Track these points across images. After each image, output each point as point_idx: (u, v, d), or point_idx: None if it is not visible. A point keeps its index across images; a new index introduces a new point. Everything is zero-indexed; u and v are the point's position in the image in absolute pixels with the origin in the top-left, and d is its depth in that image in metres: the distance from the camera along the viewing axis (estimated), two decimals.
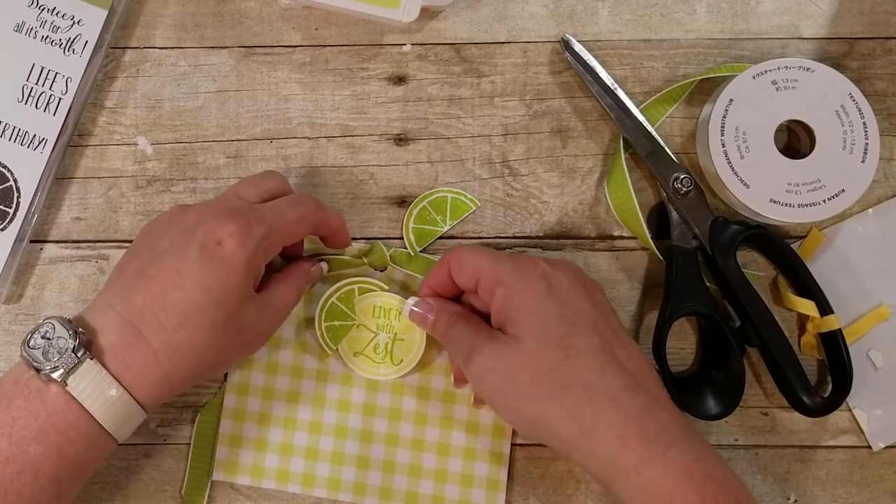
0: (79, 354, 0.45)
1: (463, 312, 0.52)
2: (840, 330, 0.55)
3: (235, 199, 0.50)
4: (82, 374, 0.45)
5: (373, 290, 0.56)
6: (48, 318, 0.46)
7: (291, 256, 0.55)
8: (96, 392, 0.45)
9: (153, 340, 0.46)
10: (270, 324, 0.51)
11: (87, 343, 0.45)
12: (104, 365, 0.45)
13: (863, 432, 0.57)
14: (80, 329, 0.46)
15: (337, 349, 0.56)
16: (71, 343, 0.45)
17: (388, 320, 0.56)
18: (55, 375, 0.44)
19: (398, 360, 0.56)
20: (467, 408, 0.56)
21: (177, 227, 0.48)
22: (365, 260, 0.56)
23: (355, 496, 0.55)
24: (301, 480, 0.55)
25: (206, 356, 0.47)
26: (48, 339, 0.45)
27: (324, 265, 0.55)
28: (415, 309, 0.54)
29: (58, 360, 0.44)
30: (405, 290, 0.57)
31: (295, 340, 0.56)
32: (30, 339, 0.45)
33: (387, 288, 0.56)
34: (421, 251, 0.57)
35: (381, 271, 0.57)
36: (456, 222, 0.57)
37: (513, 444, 0.56)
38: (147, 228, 0.50)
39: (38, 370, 0.45)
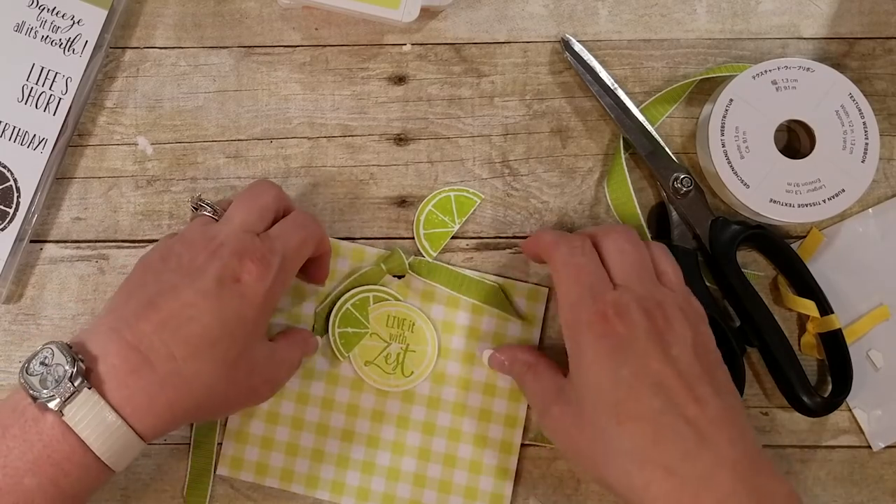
0: (76, 383, 0.43)
1: (532, 363, 0.53)
2: (840, 330, 0.55)
3: (243, 234, 0.48)
4: (80, 404, 0.43)
5: (387, 300, 0.56)
6: (48, 343, 0.45)
7: (314, 282, 0.56)
8: (94, 423, 0.43)
9: (160, 368, 0.44)
10: (278, 375, 0.51)
11: (86, 371, 0.44)
12: (104, 394, 0.44)
13: (863, 432, 0.57)
14: (80, 356, 0.44)
15: (349, 357, 0.56)
16: (69, 370, 0.43)
17: (401, 330, 0.56)
18: (51, 405, 0.43)
19: (409, 371, 0.55)
20: (476, 420, 0.55)
21: (186, 264, 0.47)
22: (384, 266, 0.56)
23: (358, 501, 0.55)
24: (305, 482, 0.55)
25: (214, 390, 0.46)
26: (46, 365, 0.44)
27: (318, 339, 0.55)
28: (493, 357, 0.55)
29: (54, 388, 0.43)
30: (424, 300, 0.56)
31: None
32: (28, 364, 0.44)
33: (401, 298, 0.56)
34: (437, 254, 0.57)
35: (400, 278, 0.56)
36: (465, 218, 0.57)
37: None
38: (147, 259, 0.49)
39: (34, 398, 0.44)
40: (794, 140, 0.58)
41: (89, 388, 0.44)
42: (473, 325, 0.56)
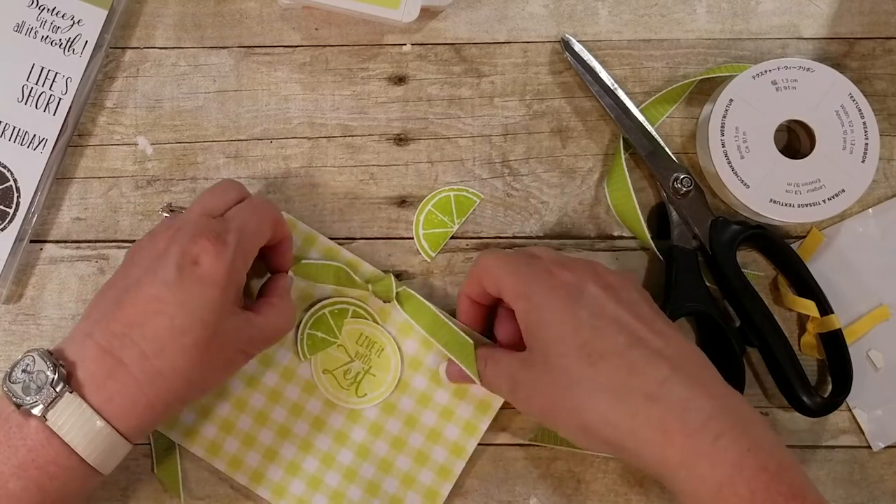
0: (57, 388, 0.44)
1: (486, 354, 0.52)
2: (840, 330, 0.55)
3: (200, 218, 0.49)
4: (62, 409, 0.44)
5: (366, 318, 0.56)
6: (29, 351, 0.45)
7: (277, 270, 0.55)
8: (77, 426, 0.44)
9: (134, 369, 0.45)
10: (253, 342, 0.50)
11: (66, 376, 0.45)
12: (84, 398, 0.44)
13: (863, 432, 0.57)
14: (60, 362, 0.45)
15: (310, 359, 0.55)
16: (51, 377, 0.44)
17: (368, 352, 0.55)
18: (35, 411, 0.44)
19: (362, 393, 0.55)
20: (411, 461, 0.55)
21: (148, 254, 0.48)
22: (370, 287, 0.55)
23: (273, 495, 0.54)
24: (228, 461, 0.54)
25: (191, 378, 0.46)
26: (28, 372, 0.44)
27: (291, 275, 0.55)
28: (449, 368, 0.54)
29: (37, 394, 0.44)
30: (402, 331, 0.56)
31: None
32: (11, 372, 0.45)
33: (380, 322, 0.56)
34: (437, 254, 0.57)
35: (386, 302, 0.56)
36: (464, 218, 0.57)
37: (513, 445, 0.56)
38: (122, 263, 0.50)
39: (18, 406, 0.44)
40: (794, 140, 0.58)
41: (71, 393, 0.44)
42: (440, 370, 0.55)
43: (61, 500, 0.45)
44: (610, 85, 0.57)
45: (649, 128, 0.57)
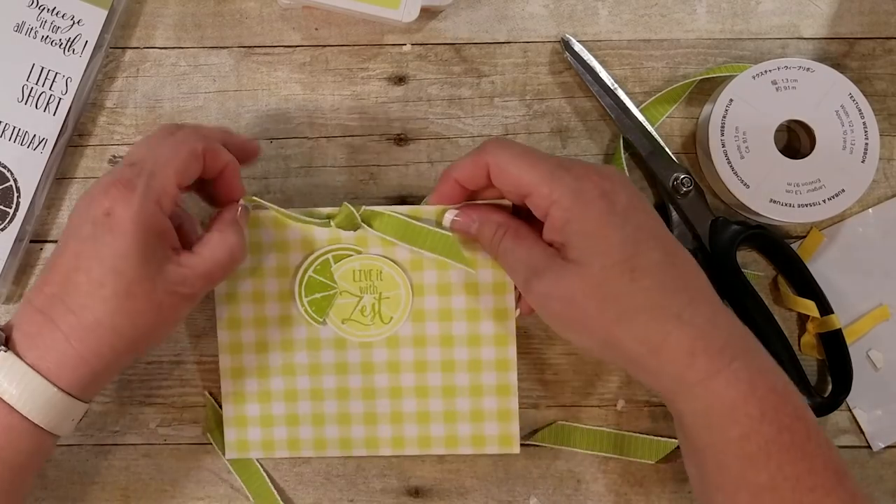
0: None
1: (509, 224, 0.50)
2: (840, 330, 0.55)
3: (116, 168, 0.48)
4: None
5: (349, 255, 0.55)
6: None
7: (227, 201, 0.52)
8: (14, 382, 0.45)
9: (62, 324, 0.46)
10: (187, 282, 0.47)
11: (5, 339, 0.46)
12: (19, 355, 0.45)
13: (863, 432, 0.57)
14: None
15: (324, 321, 0.55)
16: None
17: (370, 282, 0.55)
18: None
19: (387, 318, 0.55)
20: (466, 347, 0.55)
21: (75, 217, 0.48)
22: (332, 222, 0.54)
23: (368, 449, 0.55)
24: (313, 445, 0.55)
25: (119, 328, 0.46)
26: None
27: (243, 203, 0.52)
28: (456, 219, 0.52)
29: None
30: (386, 244, 0.54)
31: (279, 316, 0.55)
32: None
33: (362, 249, 0.55)
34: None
35: (354, 231, 0.54)
36: None
37: None
38: None
39: None
40: (794, 140, 0.58)
41: (6, 352, 0.45)
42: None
43: (8, 463, 0.46)
44: (610, 85, 0.57)
45: (649, 128, 0.57)
